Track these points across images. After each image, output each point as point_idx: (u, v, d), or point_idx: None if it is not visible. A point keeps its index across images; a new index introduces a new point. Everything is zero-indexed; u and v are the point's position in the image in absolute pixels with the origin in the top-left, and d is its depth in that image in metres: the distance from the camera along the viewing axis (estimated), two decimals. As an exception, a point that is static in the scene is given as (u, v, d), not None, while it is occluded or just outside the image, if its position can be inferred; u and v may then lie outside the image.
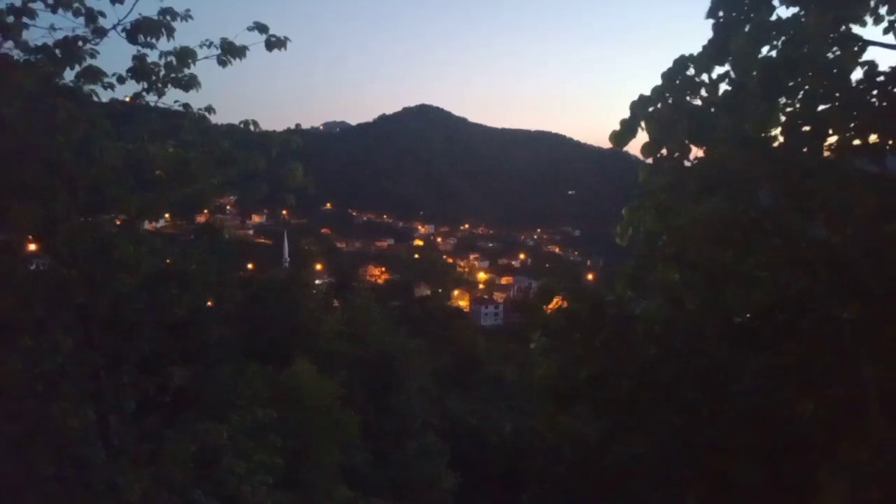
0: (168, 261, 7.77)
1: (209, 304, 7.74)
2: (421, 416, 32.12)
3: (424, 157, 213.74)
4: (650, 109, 4.30)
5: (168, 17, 5.99)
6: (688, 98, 4.25)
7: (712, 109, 4.22)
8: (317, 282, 49.76)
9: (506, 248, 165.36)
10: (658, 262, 4.21)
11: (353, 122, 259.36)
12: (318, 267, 77.42)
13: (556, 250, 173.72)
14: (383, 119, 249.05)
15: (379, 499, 21.76)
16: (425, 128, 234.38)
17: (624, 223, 4.51)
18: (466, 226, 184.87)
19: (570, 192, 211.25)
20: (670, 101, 4.24)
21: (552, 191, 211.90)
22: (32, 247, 6.59)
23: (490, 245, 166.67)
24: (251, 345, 23.47)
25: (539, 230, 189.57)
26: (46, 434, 5.45)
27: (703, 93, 4.26)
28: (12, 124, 5.51)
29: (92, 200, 6.52)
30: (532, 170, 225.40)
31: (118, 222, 7.12)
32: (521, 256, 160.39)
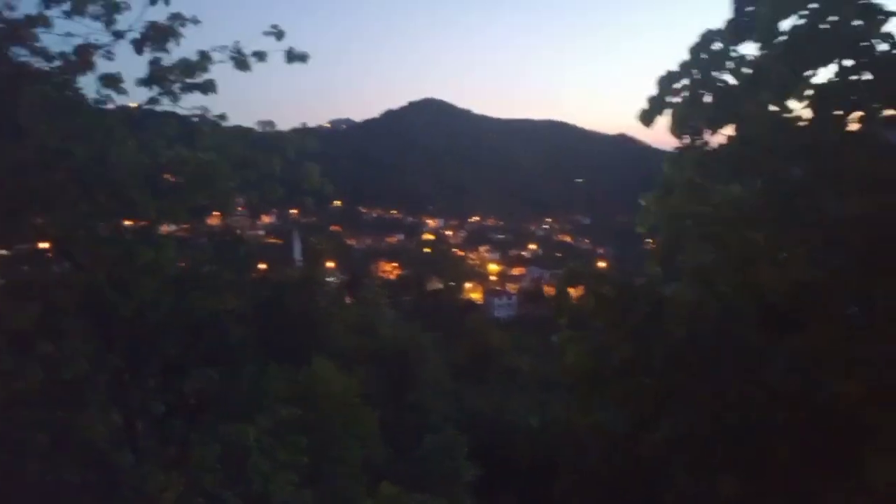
0: (185, 264, 7.79)
1: (228, 306, 7.76)
2: (438, 409, 32.21)
3: (431, 151, 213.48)
4: (676, 86, 4.23)
5: (178, 23, 5.99)
6: (714, 73, 4.17)
7: (737, 83, 4.14)
8: (329, 279, 49.94)
9: (516, 239, 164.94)
10: (687, 243, 4.15)
11: (359, 118, 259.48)
12: (330, 265, 77.70)
13: (567, 239, 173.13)
14: (389, 114, 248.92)
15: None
16: (430, 122, 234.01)
17: (645, 210, 4.44)
18: (476, 218, 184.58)
19: (577, 181, 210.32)
20: (697, 76, 4.17)
21: (560, 180, 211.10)
22: (50, 255, 6.63)
23: (500, 236, 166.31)
24: (269, 345, 23.58)
25: (549, 220, 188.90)
26: (73, 441, 5.49)
27: (730, 67, 4.18)
28: (32, 133, 5.53)
29: (111, 206, 6.54)
30: (539, 159, 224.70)
31: (137, 228, 7.14)
32: (532, 247, 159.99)
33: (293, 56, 6.36)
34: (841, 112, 3.94)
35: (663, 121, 4.37)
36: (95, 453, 5.72)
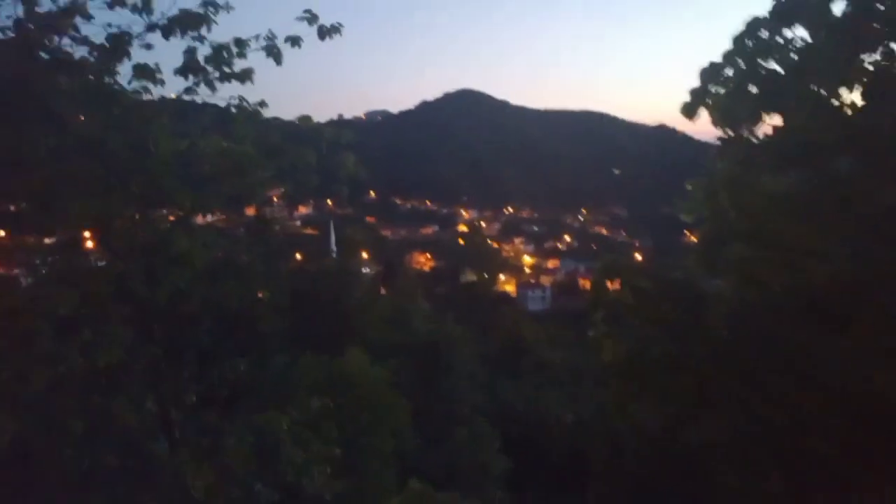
0: (220, 254, 7.83)
1: (262, 295, 7.78)
2: (470, 401, 32.19)
3: (466, 142, 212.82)
4: (721, 77, 4.05)
5: (211, 10, 5.97)
6: (760, 62, 3.98)
7: (784, 71, 3.94)
8: (364, 270, 50.26)
9: (551, 231, 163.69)
10: (731, 240, 3.98)
11: (395, 110, 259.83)
12: (365, 255, 78.19)
13: (603, 231, 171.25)
14: (424, 105, 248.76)
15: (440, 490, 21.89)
16: (467, 113, 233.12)
17: (691, 198, 4.27)
18: (510, 210, 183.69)
19: (615, 172, 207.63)
20: (742, 66, 3.98)
21: (597, 171, 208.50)
22: (90, 244, 6.72)
23: (535, 228, 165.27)
24: (303, 335, 23.81)
25: (585, 212, 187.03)
26: (109, 428, 5.55)
27: (776, 55, 3.98)
28: (69, 122, 5.57)
29: (146, 196, 6.58)
30: (576, 150, 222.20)
31: (172, 217, 7.19)
32: (567, 239, 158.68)
33: (325, 31, 6.24)
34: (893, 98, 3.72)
35: (706, 112, 4.19)
36: (130, 440, 5.79)
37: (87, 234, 6.71)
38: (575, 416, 28.52)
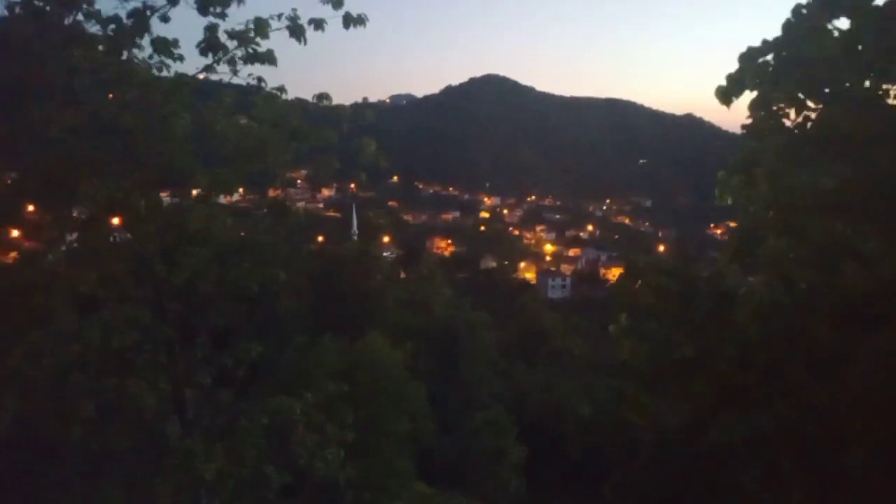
0: (241, 234, 7.80)
1: (281, 277, 7.73)
2: (487, 388, 32.17)
3: (491, 127, 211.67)
4: (760, 62, 3.86)
5: None
6: (802, 49, 3.78)
7: (826, 60, 3.74)
8: (385, 254, 50.33)
9: (573, 219, 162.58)
10: (767, 235, 3.80)
11: (419, 94, 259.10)
12: (386, 239, 78.34)
13: (626, 221, 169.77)
14: (449, 90, 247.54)
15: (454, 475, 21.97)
16: (492, 98, 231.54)
17: (723, 186, 4.08)
18: (533, 197, 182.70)
19: (641, 161, 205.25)
20: (784, 53, 3.79)
21: (622, 160, 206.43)
22: (115, 221, 6.71)
23: (557, 217, 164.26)
24: (323, 317, 23.87)
25: (608, 201, 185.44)
26: (123, 409, 5.55)
27: (818, 43, 3.78)
28: (85, 98, 5.52)
29: (164, 175, 6.55)
30: (601, 139, 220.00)
31: (192, 197, 7.15)
32: (589, 228, 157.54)
33: (350, 20, 6.16)
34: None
35: (737, 102, 4.03)
36: (142, 421, 5.79)
37: (105, 213, 6.70)
38: (591, 408, 28.42)
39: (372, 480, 14.81)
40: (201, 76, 6.37)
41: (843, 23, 3.73)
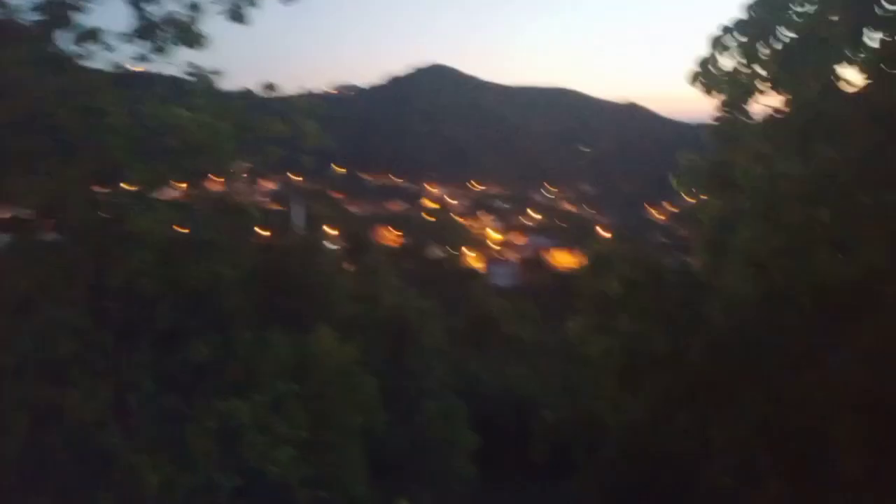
0: (182, 230, 7.52)
1: (226, 274, 7.48)
2: (438, 376, 32.16)
3: (436, 117, 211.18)
4: (729, 47, 3.84)
5: None
6: (769, 33, 3.77)
7: (794, 45, 3.73)
8: (331, 246, 49.71)
9: (519, 207, 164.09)
10: (740, 223, 3.79)
11: (362, 83, 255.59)
12: (332, 231, 77.42)
13: (572, 208, 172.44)
14: (394, 81, 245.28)
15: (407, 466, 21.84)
16: (437, 88, 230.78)
17: (686, 175, 4.06)
18: (478, 186, 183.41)
19: (584, 149, 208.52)
20: (751, 36, 3.76)
21: (566, 148, 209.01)
22: (37, 222, 6.33)
23: (503, 205, 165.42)
24: (270, 313, 23.35)
25: (553, 189, 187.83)
26: (60, 420, 5.23)
27: (785, 26, 3.77)
28: (12, 91, 5.16)
29: (100, 171, 6.22)
30: (545, 127, 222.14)
31: (129, 192, 6.83)
32: (535, 215, 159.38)
33: None
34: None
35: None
36: (81, 433, 5.48)
37: (39, 212, 6.33)
38: (543, 396, 28.69)
39: (326, 477, 14.62)
40: (135, 66, 6.07)
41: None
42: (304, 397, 12.08)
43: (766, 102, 3.79)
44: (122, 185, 6.82)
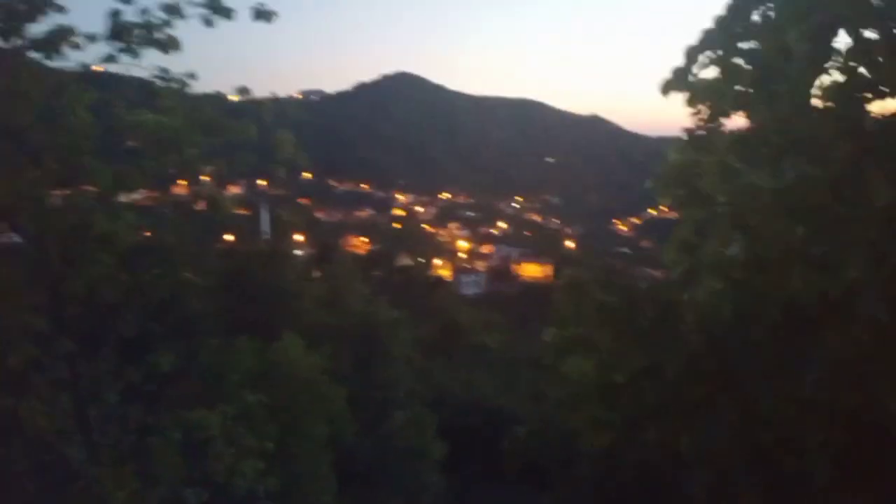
0: (146, 234, 7.34)
1: (191, 280, 7.30)
2: (406, 385, 31.98)
3: (403, 126, 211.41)
4: (709, 55, 3.82)
5: None
6: (742, 45, 3.77)
7: (769, 59, 3.73)
8: (298, 253, 49.21)
9: (486, 216, 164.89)
10: (714, 236, 3.79)
11: (331, 90, 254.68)
12: (299, 238, 76.73)
13: (537, 218, 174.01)
14: (361, 87, 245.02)
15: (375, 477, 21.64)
16: (403, 96, 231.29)
17: (663, 185, 4.05)
18: (446, 195, 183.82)
19: (549, 160, 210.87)
20: (730, 44, 3.76)
21: (531, 159, 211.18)
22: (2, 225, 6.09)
23: (470, 214, 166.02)
24: (235, 320, 22.96)
25: (519, 199, 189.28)
26: (17, 433, 5.00)
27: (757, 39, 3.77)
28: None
29: (62, 173, 6.00)
30: (511, 138, 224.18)
31: (92, 196, 6.62)
32: (502, 225, 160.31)
33: (261, 14, 5.89)
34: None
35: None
36: (41, 446, 5.24)
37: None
38: (511, 405, 28.77)
39: (293, 489, 14.37)
40: (101, 67, 5.89)
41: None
42: (272, 407, 11.85)
43: (740, 114, 3.81)
44: (84, 187, 6.62)
